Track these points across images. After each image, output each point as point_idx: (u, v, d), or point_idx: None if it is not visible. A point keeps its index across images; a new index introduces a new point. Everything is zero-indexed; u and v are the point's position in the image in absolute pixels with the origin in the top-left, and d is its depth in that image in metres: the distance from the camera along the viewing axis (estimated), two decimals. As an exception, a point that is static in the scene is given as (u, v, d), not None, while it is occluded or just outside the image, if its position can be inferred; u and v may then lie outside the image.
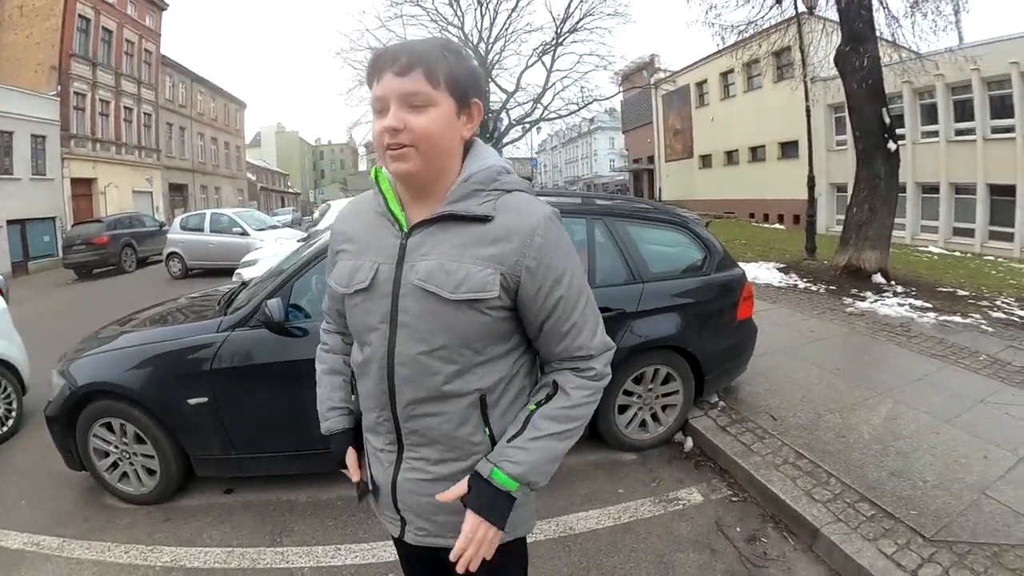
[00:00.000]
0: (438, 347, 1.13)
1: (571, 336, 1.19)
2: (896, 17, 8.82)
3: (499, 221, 1.12)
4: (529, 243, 1.11)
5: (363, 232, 1.24)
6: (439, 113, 1.07)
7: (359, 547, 2.83)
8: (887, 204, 8.19)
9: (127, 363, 3.19)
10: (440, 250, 1.12)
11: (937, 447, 3.24)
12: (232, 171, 41.33)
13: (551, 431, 1.16)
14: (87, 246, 16.64)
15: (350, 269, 1.22)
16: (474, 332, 1.13)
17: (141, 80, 28.59)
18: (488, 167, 1.16)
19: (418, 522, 1.27)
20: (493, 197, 1.14)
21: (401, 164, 1.09)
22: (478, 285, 1.10)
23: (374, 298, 1.17)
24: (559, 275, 1.15)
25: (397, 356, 1.16)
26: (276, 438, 3.20)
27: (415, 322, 1.13)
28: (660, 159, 33.23)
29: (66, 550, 2.98)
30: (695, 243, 3.83)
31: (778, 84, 19.61)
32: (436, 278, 1.11)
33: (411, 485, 1.24)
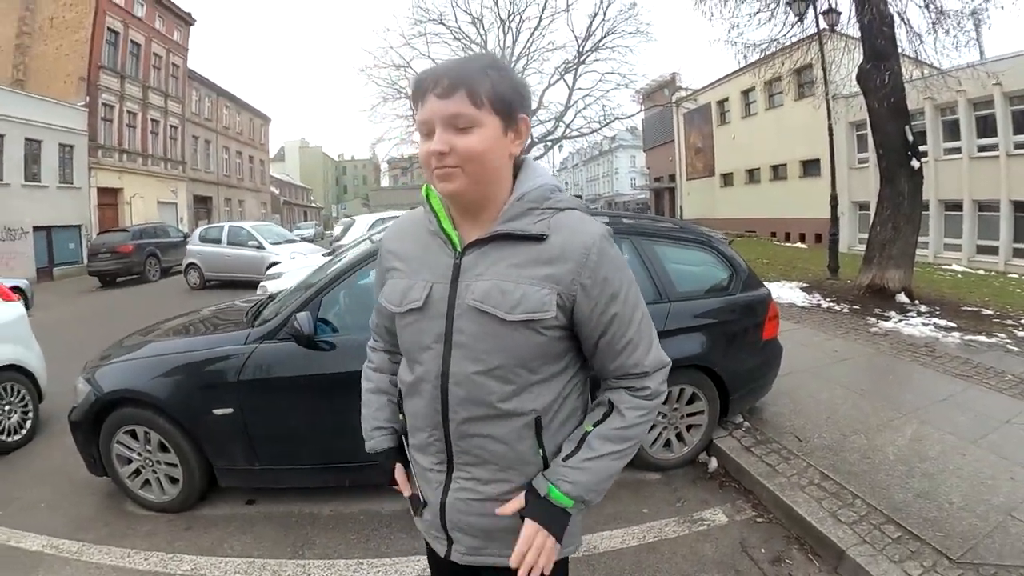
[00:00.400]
0: (494, 367, 1.12)
1: (626, 353, 1.18)
2: (918, 34, 8.79)
3: (554, 240, 1.11)
4: (584, 261, 1.10)
5: (415, 251, 1.23)
6: (485, 133, 1.06)
7: (381, 562, 2.82)
8: (911, 222, 8.08)
9: (154, 371, 3.23)
10: (495, 270, 1.12)
11: (963, 468, 3.18)
12: (256, 184, 42.04)
13: (606, 451, 1.16)
14: (112, 254, 16.95)
15: (402, 288, 1.21)
16: (530, 352, 1.13)
17: (168, 93, 29.24)
18: (541, 185, 1.16)
19: (467, 540, 1.26)
20: (547, 215, 1.14)
21: (448, 184, 1.08)
22: (535, 305, 1.09)
23: (428, 318, 1.17)
24: (615, 291, 1.14)
25: (452, 376, 1.15)
26: (301, 451, 3.21)
27: (471, 342, 1.12)
28: (681, 177, 33.18)
29: (85, 554, 3.00)
30: (720, 262, 3.81)
31: (799, 102, 19.59)
32: (493, 298, 1.10)
33: (461, 504, 1.23)
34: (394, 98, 26.18)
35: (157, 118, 28.31)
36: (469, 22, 27.92)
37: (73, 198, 22.30)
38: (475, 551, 1.26)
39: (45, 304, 12.99)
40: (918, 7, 8.63)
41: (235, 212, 37.03)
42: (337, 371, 2.95)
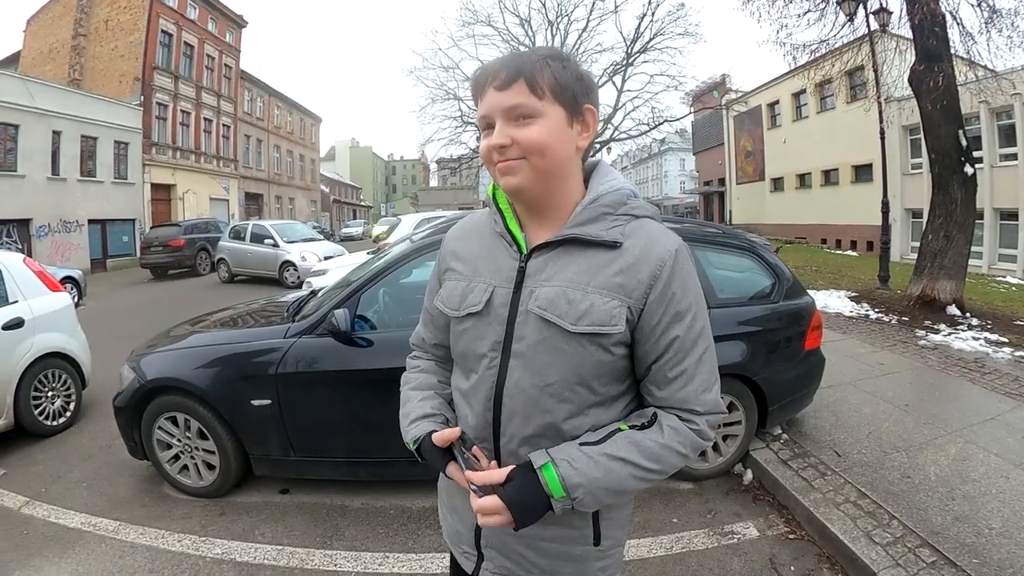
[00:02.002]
0: (552, 382, 1.05)
1: (678, 384, 1.06)
2: (971, 33, 8.38)
3: (628, 248, 1.04)
4: (658, 274, 1.02)
5: (477, 252, 1.16)
6: (547, 124, 1.00)
7: (407, 557, 2.85)
8: (963, 231, 7.76)
9: (196, 361, 3.33)
10: (563, 276, 1.04)
11: (1006, 492, 3.03)
12: (306, 183, 42.96)
13: (629, 458, 1.02)
14: (164, 248, 17.56)
15: (461, 291, 1.14)
16: (592, 370, 1.05)
17: (221, 93, 30.15)
18: (617, 189, 1.08)
19: (499, 560, 1.19)
20: (622, 222, 1.06)
21: (511, 178, 1.03)
22: (603, 318, 1.01)
23: (487, 323, 1.10)
24: (680, 312, 1.04)
25: (507, 388, 1.08)
26: (335, 443, 3.27)
27: (530, 352, 1.05)
28: (731, 181, 32.61)
29: (121, 533, 3.12)
30: (764, 269, 3.71)
31: (851, 105, 18.99)
32: (558, 307, 1.03)
33: None
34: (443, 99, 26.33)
35: (210, 117, 29.21)
36: (517, 24, 27.95)
37: (127, 193, 23.21)
38: (506, 572, 1.20)
39: (97, 294, 13.56)
40: (971, 6, 8.32)
41: (285, 209, 37.92)
42: (374, 367, 3.01)
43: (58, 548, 2.98)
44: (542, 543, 1.15)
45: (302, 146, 42.32)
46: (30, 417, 4.37)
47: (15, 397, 4.27)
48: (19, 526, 3.20)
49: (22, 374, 4.34)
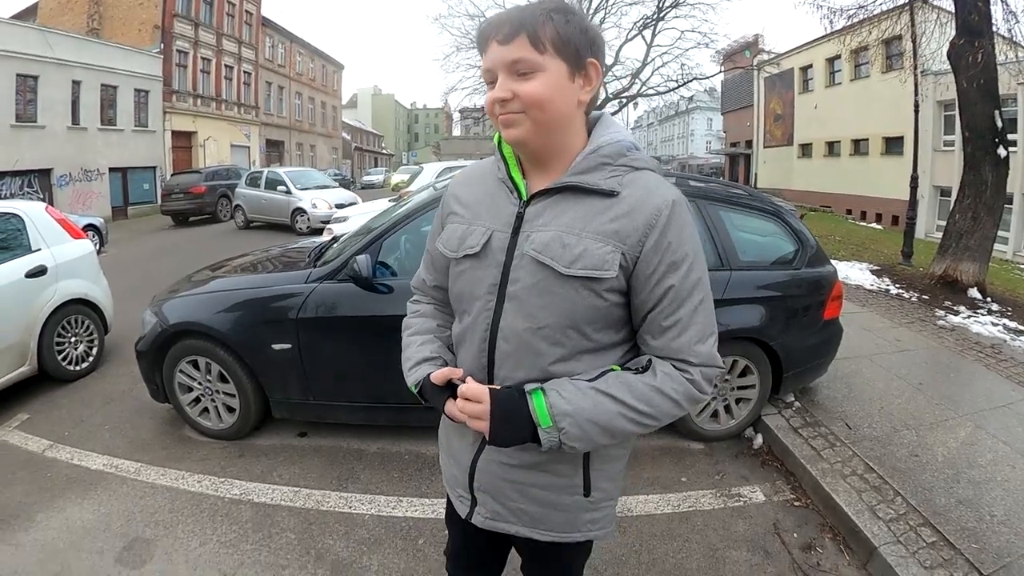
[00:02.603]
0: (544, 325, 1.07)
1: (672, 333, 1.08)
2: (1014, 12, 8.09)
3: (625, 197, 1.06)
4: (654, 223, 1.04)
5: (479, 197, 1.19)
6: (548, 78, 1.02)
7: (420, 501, 2.93)
8: (992, 214, 7.57)
9: (218, 306, 3.38)
10: (560, 222, 1.07)
11: (1011, 481, 3.02)
12: (328, 130, 42.72)
13: (620, 397, 1.04)
14: (185, 195, 17.64)
15: (461, 234, 1.17)
16: (584, 314, 1.07)
17: (242, 40, 29.80)
18: (617, 140, 1.10)
19: (491, 504, 1.23)
20: (621, 172, 1.08)
21: (512, 130, 1.05)
22: (596, 262, 1.04)
23: (483, 266, 1.13)
24: (676, 261, 1.06)
25: (501, 330, 1.11)
26: (353, 388, 3.33)
27: (524, 295, 1.08)
28: (758, 144, 31.87)
29: (142, 474, 3.21)
30: (788, 235, 3.66)
31: (886, 75, 18.33)
32: (552, 250, 1.05)
33: (493, 467, 1.20)
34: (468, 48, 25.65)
35: (231, 64, 28.96)
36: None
37: (148, 141, 23.25)
38: (498, 517, 1.24)
39: (119, 241, 13.73)
40: (1016, -17, 7.96)
41: (306, 156, 37.78)
42: (394, 313, 2.99)
43: (81, 489, 3.06)
44: (532, 489, 1.19)
45: (324, 93, 41.91)
46: (53, 363, 4.45)
47: (39, 343, 4.34)
48: (43, 469, 3.29)
49: (45, 321, 4.40)
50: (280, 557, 2.54)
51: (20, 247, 4.46)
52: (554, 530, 1.22)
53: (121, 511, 2.87)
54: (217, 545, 2.61)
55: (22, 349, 4.22)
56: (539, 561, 1.37)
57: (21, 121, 17.91)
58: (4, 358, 4.06)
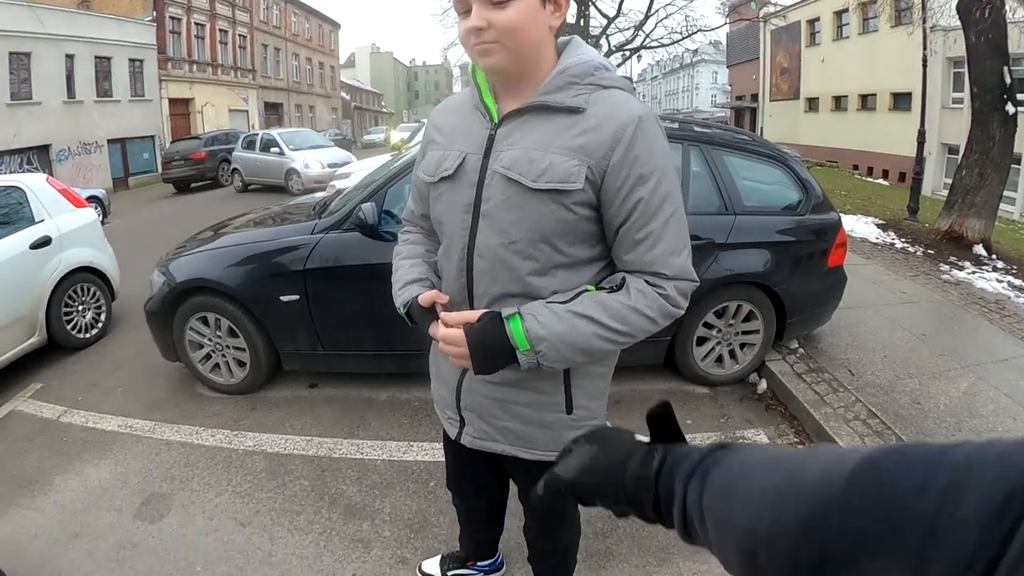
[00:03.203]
0: (515, 239, 1.11)
1: (644, 246, 1.09)
2: None
3: (591, 113, 1.08)
4: (620, 136, 1.06)
5: (455, 124, 1.23)
6: (521, 6, 1.04)
7: (430, 445, 2.98)
8: (998, 171, 7.50)
9: (225, 261, 3.39)
10: (527, 140, 1.10)
11: (1012, 432, 3.03)
12: (327, 90, 42.14)
13: (593, 316, 1.07)
14: (185, 161, 17.56)
15: (438, 159, 1.21)
16: (554, 228, 1.10)
17: (235, 3, 29.17)
18: (585, 61, 1.12)
19: (478, 423, 1.28)
20: (588, 91, 1.10)
21: (488, 59, 1.07)
22: (562, 175, 1.06)
23: (458, 187, 1.17)
24: (643, 174, 1.07)
25: (476, 248, 1.15)
26: (361, 337, 3.36)
27: (496, 212, 1.12)
28: (764, 98, 31.26)
29: (157, 432, 3.26)
30: (793, 181, 3.63)
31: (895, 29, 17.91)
32: (520, 166, 1.09)
33: (476, 385, 1.25)
34: (467, 1, 25.12)
35: (225, 28, 28.41)
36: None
37: (145, 110, 22.98)
38: (485, 435, 1.29)
39: (121, 211, 13.69)
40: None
41: (306, 118, 37.29)
42: None
43: (97, 451, 3.11)
44: (515, 407, 1.23)
45: (321, 53, 41.22)
46: (62, 332, 4.46)
47: (47, 313, 4.34)
48: (58, 433, 3.32)
49: (52, 290, 4.40)
50: (294, 503, 2.61)
51: (23, 219, 4.44)
52: (539, 448, 1.27)
53: (137, 469, 2.92)
54: (232, 495, 2.68)
55: (31, 320, 4.23)
56: (528, 480, 1.41)
57: (16, 99, 17.69)
58: (13, 330, 4.07)
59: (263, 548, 2.35)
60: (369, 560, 2.28)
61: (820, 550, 0.42)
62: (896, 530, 0.37)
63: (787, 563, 0.44)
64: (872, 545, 0.38)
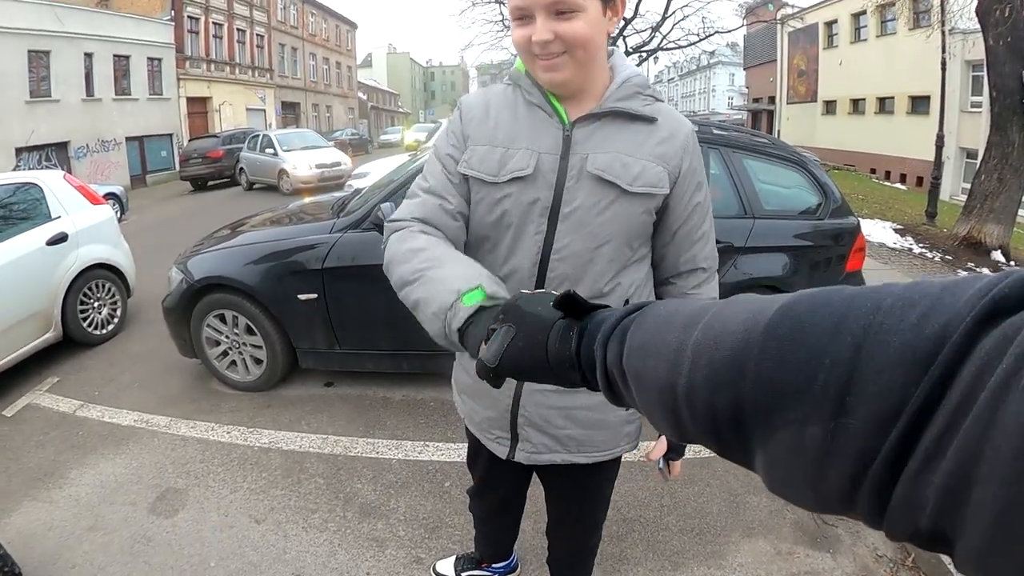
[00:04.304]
0: (605, 242, 1.12)
1: (700, 244, 1.22)
2: None
3: (662, 124, 1.13)
4: (687, 147, 1.14)
5: (510, 122, 1.15)
6: (589, 17, 1.01)
7: (446, 446, 2.99)
8: (1018, 176, 7.40)
9: (244, 259, 3.42)
10: (612, 144, 1.11)
11: None
12: (343, 90, 42.26)
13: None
14: (203, 159, 17.68)
15: (500, 157, 1.12)
16: (637, 229, 1.15)
17: (253, 3, 29.33)
18: (639, 74, 1.15)
19: (537, 437, 1.25)
20: (650, 101, 1.14)
21: (556, 74, 1.04)
22: (653, 180, 1.11)
23: (534, 188, 1.11)
24: (701, 181, 1.18)
25: (556, 251, 1.12)
26: (378, 337, 3.37)
27: (583, 215, 1.10)
28: (781, 100, 31.10)
29: (173, 428, 3.28)
30: (812, 185, 3.61)
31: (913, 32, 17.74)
32: (615, 169, 1.09)
33: (537, 397, 1.22)
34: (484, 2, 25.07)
35: (243, 27, 28.60)
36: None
37: (163, 109, 23.15)
38: (545, 448, 1.27)
39: (139, 208, 13.82)
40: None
41: (323, 117, 37.47)
42: None
43: (112, 445, 3.13)
44: (579, 411, 1.23)
45: (338, 53, 41.37)
46: (78, 328, 4.48)
47: (63, 309, 4.36)
48: (74, 428, 3.34)
49: (68, 287, 4.41)
50: (309, 501, 2.62)
51: (40, 215, 4.46)
52: (600, 449, 1.28)
53: (152, 464, 2.94)
54: (247, 492, 2.69)
55: (46, 316, 4.25)
56: (573, 485, 1.42)
57: (36, 96, 17.86)
58: (29, 325, 4.10)
59: (277, 545, 2.36)
60: (383, 559, 2.28)
61: (735, 403, 0.39)
62: (811, 378, 0.34)
63: (705, 418, 0.42)
64: (788, 396, 0.36)
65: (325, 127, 34.65)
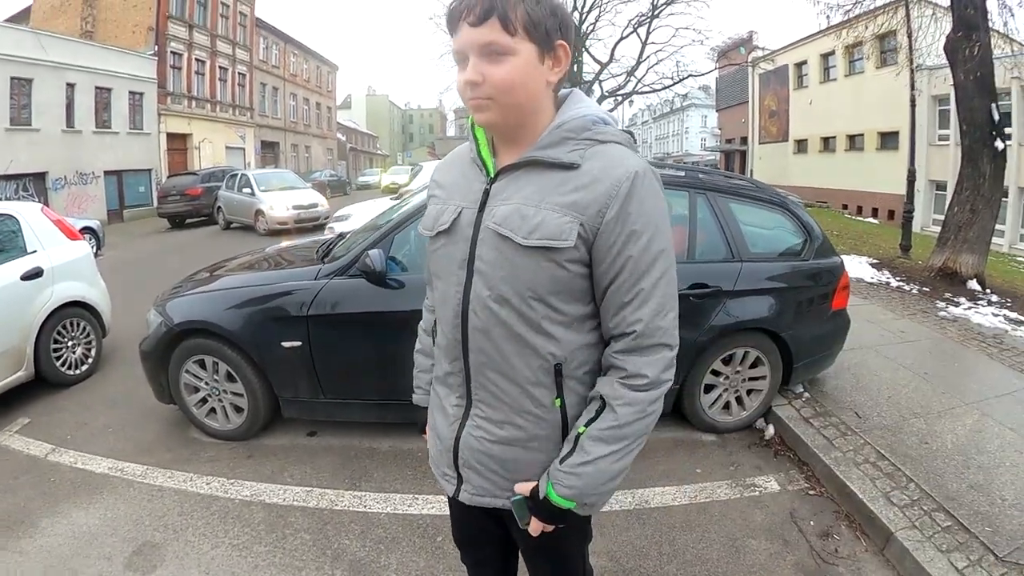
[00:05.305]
0: (507, 297, 1.09)
1: (631, 307, 1.07)
2: (1009, 7, 8.25)
3: (585, 169, 1.07)
4: (614, 193, 1.04)
5: (454, 178, 1.23)
6: (517, 62, 1.02)
7: (436, 499, 2.89)
8: (990, 206, 7.63)
9: (225, 303, 3.34)
10: (520, 195, 1.09)
11: (1019, 466, 3.05)
12: (323, 131, 42.57)
13: (600, 454, 1.09)
14: (181, 197, 17.60)
15: (435, 213, 1.21)
16: (547, 285, 1.08)
17: (236, 41, 29.68)
18: (582, 116, 1.11)
19: (476, 480, 1.24)
20: (584, 146, 1.09)
21: (481, 114, 1.07)
22: (553, 232, 1.04)
23: (453, 242, 1.16)
24: (635, 231, 1.04)
25: (471, 303, 1.13)
26: (365, 386, 3.30)
27: (488, 269, 1.10)
28: (753, 141, 32.03)
29: (149, 477, 3.16)
30: (795, 226, 3.67)
31: (880, 70, 18.47)
32: (511, 222, 1.07)
33: (474, 442, 1.21)
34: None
35: (225, 66, 28.82)
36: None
37: (143, 143, 23.09)
38: (484, 492, 1.24)
39: (115, 244, 13.67)
40: (1012, -21, 8.03)
41: (301, 157, 37.64)
42: (405, 309, 2.94)
43: (86, 494, 3.01)
44: (516, 464, 1.21)
45: (318, 94, 41.79)
46: (51, 367, 4.35)
47: (35, 347, 4.23)
48: (46, 473, 3.22)
49: (42, 324, 4.30)
50: (296, 559, 2.51)
51: (15, 249, 4.36)
52: None
53: (128, 515, 2.81)
54: (229, 548, 2.58)
55: (18, 353, 4.12)
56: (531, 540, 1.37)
57: (16, 124, 17.74)
58: (0, 362, 3.97)
59: (262, 607, 2.25)
60: (375, 620, 2.19)
61: None
62: None
63: None
64: None
65: (304, 167, 34.80)
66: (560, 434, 1.19)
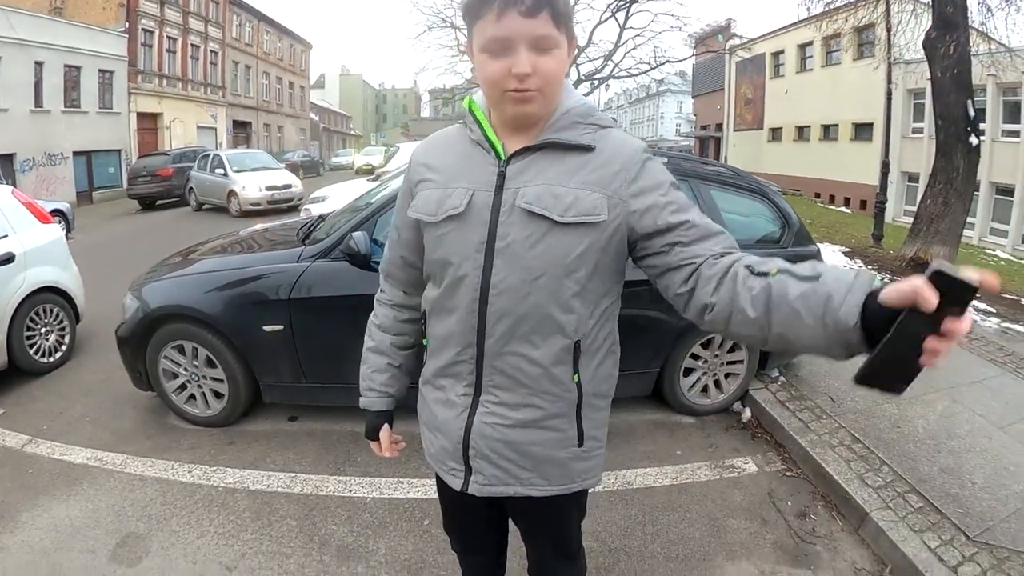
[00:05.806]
0: (539, 275, 1.10)
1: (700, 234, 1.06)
2: (989, 7, 8.37)
3: (601, 150, 1.12)
4: (631, 167, 1.11)
5: (452, 161, 1.20)
6: (561, 55, 1.05)
7: (421, 482, 2.90)
8: (962, 200, 7.80)
9: (205, 287, 3.28)
10: (545, 176, 1.11)
11: (988, 451, 3.15)
12: (296, 111, 41.78)
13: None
14: (152, 178, 17.23)
15: (438, 197, 1.17)
16: (577, 261, 1.10)
17: (208, 18, 28.94)
18: (582, 103, 1.16)
19: (489, 470, 1.24)
20: (592, 130, 1.14)
21: (527, 107, 1.07)
22: (588, 208, 1.08)
23: (469, 225, 1.13)
24: (662, 182, 1.11)
25: (493, 286, 1.12)
26: (347, 370, 3.23)
27: (518, 249, 1.10)
28: (728, 128, 32.21)
29: (129, 466, 3.11)
30: (774, 214, 3.72)
31: (857, 62, 18.68)
32: (544, 201, 1.08)
33: (489, 430, 1.21)
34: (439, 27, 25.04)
35: (197, 43, 28.09)
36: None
37: (112, 123, 22.49)
38: (496, 481, 1.24)
39: (85, 226, 13.33)
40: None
41: (274, 137, 36.93)
42: None
43: (65, 485, 2.95)
44: (531, 447, 1.21)
45: (291, 73, 40.96)
46: (24, 355, 4.24)
47: (8, 335, 4.12)
48: (24, 465, 3.15)
49: (14, 311, 4.18)
50: (283, 545, 2.50)
51: (-16, 234, 4.23)
52: (552, 483, 1.25)
53: (110, 506, 2.77)
54: (215, 536, 2.56)
55: (-11, 342, 4.01)
56: (534, 519, 1.40)
57: (-17, 105, 17.18)
58: (-29, 352, 3.86)
59: (251, 593, 2.24)
60: (364, 603, 2.19)
61: None
62: None
63: None
64: None
65: (276, 147, 34.04)
66: (575, 410, 1.21)
